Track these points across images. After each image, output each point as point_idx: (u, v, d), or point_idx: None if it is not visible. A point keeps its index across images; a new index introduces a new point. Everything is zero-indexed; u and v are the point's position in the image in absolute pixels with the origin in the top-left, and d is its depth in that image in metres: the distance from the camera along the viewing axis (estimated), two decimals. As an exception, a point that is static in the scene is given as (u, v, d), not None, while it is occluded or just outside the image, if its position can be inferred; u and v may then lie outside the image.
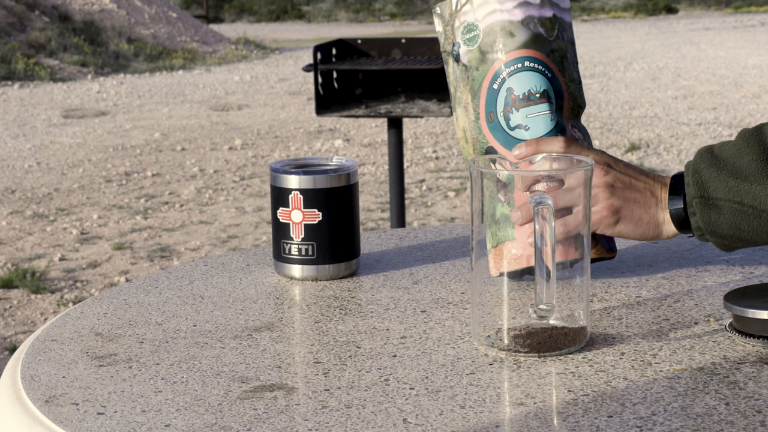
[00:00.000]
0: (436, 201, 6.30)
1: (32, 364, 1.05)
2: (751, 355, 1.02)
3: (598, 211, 1.19)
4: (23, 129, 9.40)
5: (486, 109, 1.24)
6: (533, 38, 1.24)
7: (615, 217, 1.19)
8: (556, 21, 1.26)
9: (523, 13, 1.24)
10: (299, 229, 1.30)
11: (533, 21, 1.24)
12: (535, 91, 1.22)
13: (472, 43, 1.25)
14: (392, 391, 0.96)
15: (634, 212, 1.19)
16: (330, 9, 28.01)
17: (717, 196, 1.16)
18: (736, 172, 1.16)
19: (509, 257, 1.10)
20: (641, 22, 22.28)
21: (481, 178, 1.03)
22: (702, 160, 1.18)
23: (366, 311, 1.19)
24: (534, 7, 1.24)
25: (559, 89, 1.24)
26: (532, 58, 1.23)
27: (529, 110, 1.22)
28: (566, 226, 1.05)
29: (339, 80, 3.87)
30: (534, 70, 1.23)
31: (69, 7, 15.99)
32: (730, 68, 12.61)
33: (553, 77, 1.24)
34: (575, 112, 1.28)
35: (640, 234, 1.20)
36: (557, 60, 1.25)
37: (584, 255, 1.05)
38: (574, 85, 1.27)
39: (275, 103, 10.88)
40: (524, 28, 1.23)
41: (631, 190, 1.19)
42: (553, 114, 1.23)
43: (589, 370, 0.99)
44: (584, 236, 1.05)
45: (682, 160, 7.33)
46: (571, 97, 1.27)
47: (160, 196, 6.63)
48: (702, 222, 1.18)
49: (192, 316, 1.19)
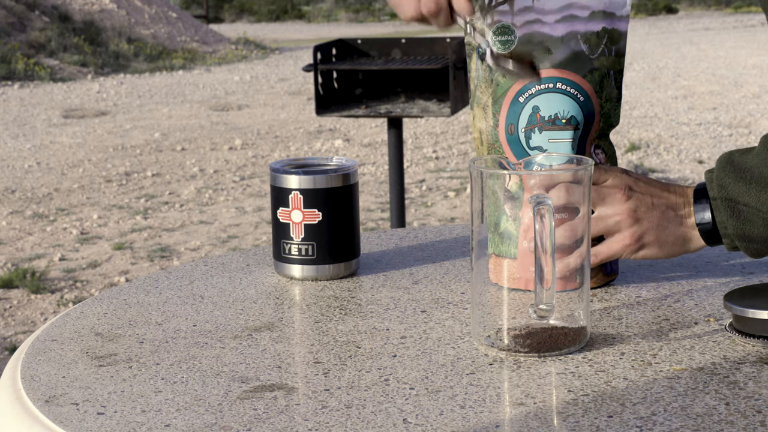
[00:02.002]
0: (436, 201, 6.30)
1: (32, 364, 1.05)
2: (751, 355, 1.02)
3: (622, 240, 1.17)
4: (23, 129, 9.40)
5: (507, 120, 1.19)
6: (572, 58, 1.17)
7: (638, 245, 1.17)
8: (605, 34, 1.18)
9: (566, 29, 1.17)
10: (299, 229, 1.30)
11: (575, 38, 1.17)
12: (562, 116, 1.18)
13: (504, 48, 1.18)
14: (392, 391, 0.96)
15: (659, 237, 1.17)
16: (330, 9, 28.01)
17: (747, 211, 1.13)
18: (765, 183, 1.12)
19: (509, 276, 1.06)
20: (641, 22, 22.28)
21: (481, 178, 1.03)
22: (726, 173, 1.14)
23: (366, 311, 1.19)
24: (580, 22, 1.17)
25: (590, 113, 1.19)
26: (566, 80, 1.17)
27: (552, 135, 1.18)
28: (572, 230, 1.05)
29: (339, 80, 3.87)
30: (565, 93, 1.18)
31: (69, 7, 15.99)
32: (730, 68, 12.61)
33: (586, 101, 1.18)
34: (604, 132, 1.23)
35: (666, 255, 1.18)
36: (595, 80, 1.19)
37: (580, 260, 1.05)
38: (610, 104, 1.21)
39: (275, 103, 10.88)
40: (564, 46, 1.17)
41: (654, 212, 1.16)
42: (576, 142, 1.19)
43: (589, 370, 0.99)
44: (585, 238, 1.05)
45: (682, 160, 7.33)
46: (604, 118, 1.21)
47: (160, 196, 6.63)
48: (736, 238, 1.15)
49: (192, 316, 1.19)
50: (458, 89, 3.71)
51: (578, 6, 1.17)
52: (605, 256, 1.18)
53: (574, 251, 1.05)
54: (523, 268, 1.05)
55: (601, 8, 1.18)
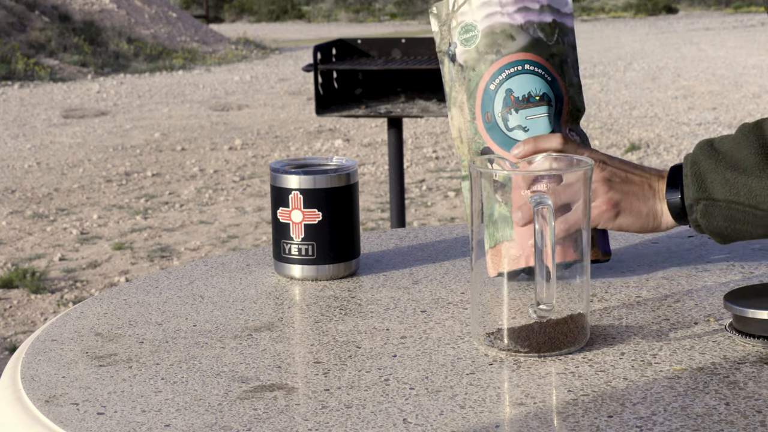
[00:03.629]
0: (436, 201, 6.31)
1: (32, 364, 1.05)
2: (751, 355, 1.02)
3: (598, 206, 1.19)
4: (23, 129, 9.40)
5: (482, 110, 1.24)
6: (533, 42, 1.24)
7: (614, 211, 1.19)
8: (555, 26, 1.26)
9: (524, 18, 1.24)
10: (299, 229, 1.30)
11: (533, 26, 1.24)
12: (535, 93, 1.22)
13: (469, 44, 1.25)
14: (392, 391, 0.96)
15: (633, 205, 1.20)
16: (330, 9, 28.01)
17: (713, 189, 1.17)
18: (734, 165, 1.16)
19: (508, 257, 1.09)
20: (641, 22, 22.28)
21: (480, 178, 1.03)
22: (702, 152, 1.19)
23: (366, 311, 1.19)
24: (534, 13, 1.25)
25: (559, 93, 1.24)
26: (532, 61, 1.23)
27: (528, 112, 1.22)
28: (566, 223, 1.05)
29: (339, 80, 3.87)
30: (534, 74, 1.23)
31: (69, 7, 15.99)
32: (730, 68, 12.61)
33: (553, 81, 1.24)
34: (574, 116, 1.28)
35: (640, 226, 1.21)
36: (557, 64, 1.25)
37: (584, 256, 1.05)
38: (573, 89, 1.27)
39: (275, 103, 10.88)
40: (524, 33, 1.24)
41: (628, 184, 1.20)
42: (552, 117, 1.23)
43: (589, 370, 0.99)
44: (584, 236, 1.05)
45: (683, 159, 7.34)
46: (571, 101, 1.27)
47: (160, 196, 6.63)
48: (700, 215, 1.18)
49: (192, 316, 1.19)
50: (458, 89, 3.71)
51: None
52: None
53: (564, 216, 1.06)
54: (521, 243, 1.09)
55: (547, 3, 1.26)
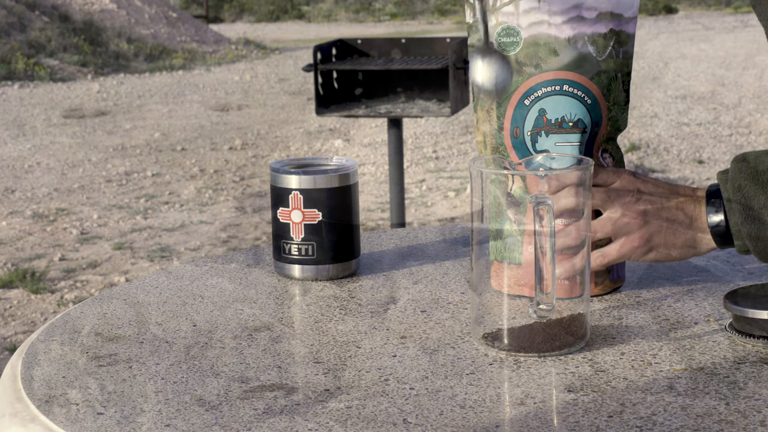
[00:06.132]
0: (436, 201, 6.30)
1: (32, 364, 1.05)
2: (751, 355, 1.02)
3: (631, 242, 1.15)
4: (23, 129, 9.39)
5: (512, 123, 1.17)
6: (578, 59, 1.15)
7: (647, 247, 1.15)
8: (611, 37, 1.16)
9: (573, 30, 1.14)
10: (299, 229, 1.30)
11: (583, 39, 1.15)
12: (570, 119, 1.15)
13: (509, 49, 1.16)
14: (392, 391, 0.96)
15: (668, 239, 1.15)
16: (330, 9, 28.01)
17: (762, 213, 1.11)
18: None
19: (513, 280, 1.05)
20: (641, 22, 22.27)
21: (481, 177, 1.02)
22: (741, 175, 1.12)
23: (366, 311, 1.19)
24: (587, 23, 1.15)
25: (597, 117, 1.17)
26: (573, 82, 1.15)
27: (559, 138, 1.16)
28: (578, 232, 1.05)
29: (339, 80, 3.87)
30: (572, 96, 1.15)
31: (69, 7, 15.99)
32: (730, 68, 12.61)
33: (594, 104, 1.16)
34: (611, 135, 1.21)
35: (675, 257, 1.17)
36: (603, 83, 1.16)
37: (585, 262, 1.05)
38: (618, 107, 1.19)
39: (275, 103, 10.88)
40: (570, 47, 1.14)
41: (663, 214, 1.15)
42: (583, 146, 1.16)
43: (589, 370, 0.99)
44: (586, 241, 1.05)
45: (682, 160, 7.33)
46: (611, 122, 1.19)
47: (160, 196, 6.63)
48: (749, 239, 1.13)
49: (192, 316, 1.19)
50: (458, 89, 3.71)
51: (585, 7, 1.15)
52: (614, 257, 1.16)
53: (579, 253, 1.05)
54: (528, 275, 1.04)
55: (608, 9, 1.16)
